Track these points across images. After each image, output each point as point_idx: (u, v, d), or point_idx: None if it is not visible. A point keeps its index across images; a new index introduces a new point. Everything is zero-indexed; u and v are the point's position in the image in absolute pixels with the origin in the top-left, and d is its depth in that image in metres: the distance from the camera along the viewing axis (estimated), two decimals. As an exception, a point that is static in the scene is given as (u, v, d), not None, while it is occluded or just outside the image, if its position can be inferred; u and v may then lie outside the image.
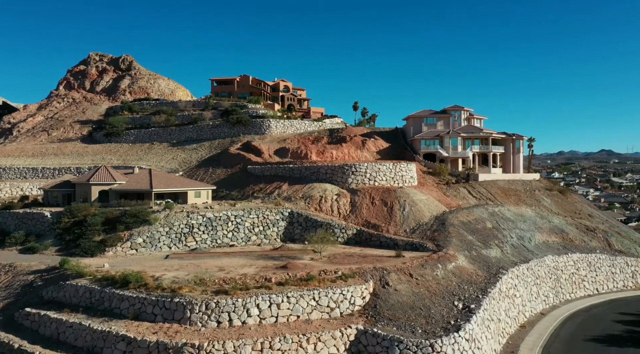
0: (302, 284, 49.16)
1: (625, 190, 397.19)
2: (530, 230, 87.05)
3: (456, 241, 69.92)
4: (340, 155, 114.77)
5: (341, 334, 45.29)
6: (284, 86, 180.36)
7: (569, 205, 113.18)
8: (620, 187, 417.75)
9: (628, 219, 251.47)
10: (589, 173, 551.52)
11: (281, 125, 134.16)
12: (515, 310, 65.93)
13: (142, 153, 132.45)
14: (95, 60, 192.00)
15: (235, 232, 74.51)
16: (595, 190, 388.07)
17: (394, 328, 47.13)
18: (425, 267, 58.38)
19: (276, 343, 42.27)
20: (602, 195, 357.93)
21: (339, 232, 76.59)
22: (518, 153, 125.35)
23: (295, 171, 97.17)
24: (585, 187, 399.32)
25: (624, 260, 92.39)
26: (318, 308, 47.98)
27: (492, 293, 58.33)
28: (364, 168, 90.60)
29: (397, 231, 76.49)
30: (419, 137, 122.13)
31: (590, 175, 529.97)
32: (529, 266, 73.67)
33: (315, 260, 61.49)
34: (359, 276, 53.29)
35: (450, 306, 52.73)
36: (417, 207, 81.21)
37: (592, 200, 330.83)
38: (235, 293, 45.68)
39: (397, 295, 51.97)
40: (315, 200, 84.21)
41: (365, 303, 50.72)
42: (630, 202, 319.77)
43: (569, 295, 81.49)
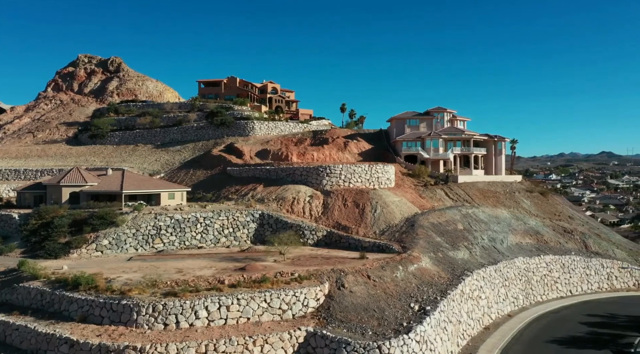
0: (254, 286, 49.21)
1: (621, 191, 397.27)
2: (503, 232, 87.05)
3: (423, 243, 69.95)
4: (321, 157, 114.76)
5: (289, 336, 45.30)
6: (272, 88, 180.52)
7: (550, 207, 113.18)
8: (616, 189, 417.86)
9: (621, 221, 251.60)
10: (586, 175, 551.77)
11: (265, 127, 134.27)
12: (479, 312, 65.92)
13: (125, 154, 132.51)
14: (84, 61, 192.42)
15: (204, 234, 74.55)
16: (592, 191, 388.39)
17: (344, 329, 47.13)
18: (385, 269, 58.38)
19: (221, 345, 42.29)
20: (598, 196, 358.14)
21: (309, 234, 76.62)
22: (500, 155, 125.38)
23: (272, 172, 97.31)
24: (582, 189, 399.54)
25: (599, 262, 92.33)
26: (269, 310, 48.00)
27: (451, 295, 58.31)
28: (338, 170, 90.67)
29: (367, 233, 76.53)
30: (401, 138, 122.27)
31: (587, 177, 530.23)
32: (497, 267, 73.66)
33: (278, 262, 61.52)
34: (315, 278, 53.32)
35: (405, 307, 52.74)
36: (388, 209, 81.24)
37: (588, 202, 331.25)
38: (184, 295, 45.73)
39: (352, 296, 51.98)
40: (288, 201, 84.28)
41: (319, 305, 50.73)
42: (625, 204, 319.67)
43: (541, 296, 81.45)
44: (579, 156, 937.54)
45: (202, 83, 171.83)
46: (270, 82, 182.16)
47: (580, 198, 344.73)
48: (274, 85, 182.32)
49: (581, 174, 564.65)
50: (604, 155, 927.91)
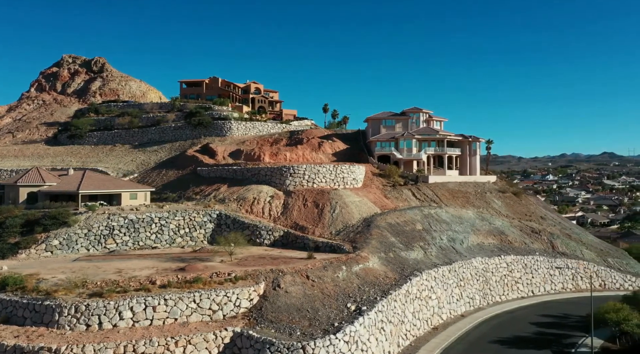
0: (185, 286, 49.23)
1: (616, 192, 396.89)
2: (465, 232, 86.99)
3: (375, 243, 69.92)
4: (294, 157, 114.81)
5: (215, 336, 45.30)
6: (255, 88, 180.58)
7: (522, 207, 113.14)
8: (612, 190, 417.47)
9: (611, 221, 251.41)
10: (583, 175, 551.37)
11: (243, 127, 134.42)
12: (428, 312, 65.88)
13: (102, 155, 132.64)
14: (68, 62, 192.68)
15: (159, 234, 74.61)
16: (587, 192, 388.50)
17: (272, 330, 47.13)
18: (327, 269, 58.38)
19: (140, 346, 42.30)
20: (593, 197, 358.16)
21: (266, 234, 76.63)
22: (475, 155, 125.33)
23: (238, 172, 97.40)
24: (577, 190, 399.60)
25: (564, 262, 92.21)
26: (198, 310, 48.01)
27: (394, 295, 58.27)
28: (302, 170, 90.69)
29: (323, 233, 76.54)
30: (374, 138, 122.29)
31: (584, 177, 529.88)
32: (451, 268, 73.60)
33: (224, 262, 61.54)
34: (251, 278, 53.34)
35: (341, 308, 52.71)
36: (347, 209, 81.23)
37: (582, 203, 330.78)
38: (110, 296, 45.75)
39: (287, 296, 51.98)
40: (248, 201, 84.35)
41: (253, 305, 50.74)
42: (618, 205, 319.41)
43: (500, 297, 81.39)
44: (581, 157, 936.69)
45: (184, 84, 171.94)
46: (253, 83, 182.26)
47: (574, 199, 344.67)
48: (257, 86, 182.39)
49: (578, 175, 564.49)
50: (606, 156, 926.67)
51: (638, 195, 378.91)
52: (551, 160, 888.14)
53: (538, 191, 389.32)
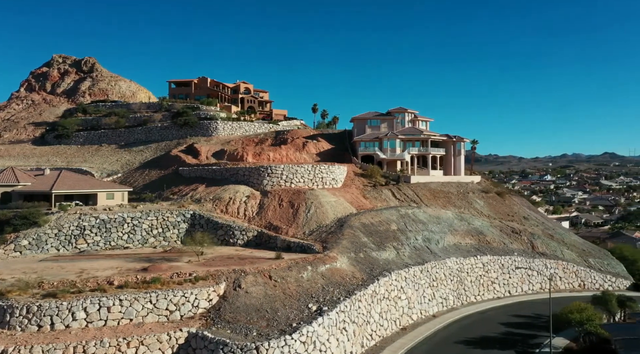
0: (142, 287, 49.12)
1: (613, 192, 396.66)
2: (442, 232, 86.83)
3: (346, 243, 69.79)
4: (278, 157, 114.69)
5: (169, 337, 45.21)
6: (244, 88, 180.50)
7: (504, 208, 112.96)
8: (609, 190, 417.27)
9: (605, 222, 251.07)
10: (580, 176, 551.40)
11: (229, 127, 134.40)
12: (397, 312, 65.73)
13: (88, 155, 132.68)
14: (59, 62, 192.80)
15: (132, 234, 74.53)
16: (584, 192, 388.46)
17: (228, 330, 47.04)
18: (291, 269, 58.26)
19: (91, 347, 42.20)
20: (590, 197, 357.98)
21: (239, 234, 76.52)
22: (459, 155, 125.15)
23: (217, 172, 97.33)
24: (574, 190, 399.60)
25: (542, 262, 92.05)
26: (155, 311, 47.89)
27: (358, 295, 58.13)
28: (280, 170, 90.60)
29: (296, 233, 76.42)
30: (358, 139, 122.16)
31: (582, 178, 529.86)
32: (423, 268, 73.44)
33: (190, 263, 61.44)
34: (212, 279, 53.24)
35: (302, 308, 52.59)
36: (322, 209, 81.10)
37: (578, 203, 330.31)
38: (64, 297, 45.66)
39: (247, 297, 51.88)
40: (224, 201, 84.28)
41: (211, 305, 50.60)
42: (614, 205, 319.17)
43: (475, 297, 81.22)
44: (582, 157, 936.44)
45: (173, 84, 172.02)
46: (243, 83, 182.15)
47: (571, 199, 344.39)
48: (247, 86, 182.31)
49: (576, 175, 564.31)
50: (607, 156, 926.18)
51: (635, 195, 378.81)
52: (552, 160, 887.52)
53: (535, 192, 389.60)
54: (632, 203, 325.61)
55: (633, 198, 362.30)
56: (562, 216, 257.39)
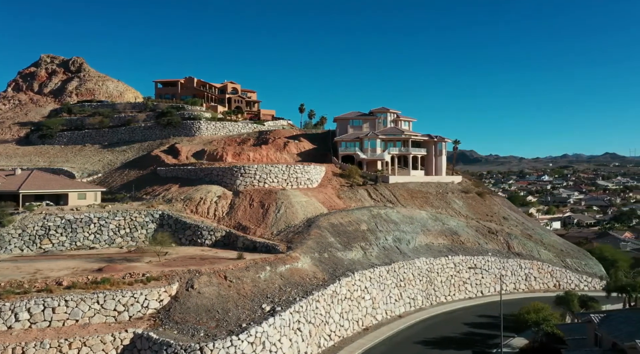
0: (91, 287, 48.90)
1: (609, 193, 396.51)
2: (414, 232, 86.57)
3: (311, 243, 69.56)
4: (258, 157, 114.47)
5: (113, 338, 44.97)
6: (232, 88, 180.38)
7: (484, 208, 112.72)
8: (605, 190, 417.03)
9: (598, 222, 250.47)
10: (578, 176, 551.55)
11: (212, 127, 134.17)
12: (360, 313, 65.51)
13: (71, 155, 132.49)
14: (47, 62, 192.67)
15: (98, 234, 74.35)
16: (580, 193, 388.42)
17: (175, 331, 46.81)
18: (249, 269, 58.04)
19: (30, 348, 41.96)
20: (586, 198, 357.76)
21: (207, 234, 76.31)
22: (440, 155, 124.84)
23: (192, 172, 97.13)
24: (570, 190, 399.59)
25: (517, 263, 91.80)
26: (102, 311, 47.66)
27: (316, 295, 57.91)
28: (253, 170, 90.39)
29: (264, 233, 76.20)
30: (339, 139, 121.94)
31: (579, 178, 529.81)
32: (390, 268, 73.19)
33: (150, 263, 61.23)
34: (165, 279, 53.03)
35: (255, 308, 52.36)
36: (292, 209, 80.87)
37: (573, 203, 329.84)
38: (8, 297, 45.43)
39: (199, 297, 51.66)
40: (195, 201, 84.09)
41: (162, 306, 50.36)
42: (608, 205, 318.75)
43: (445, 297, 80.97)
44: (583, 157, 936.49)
45: (160, 84, 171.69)
46: (230, 82, 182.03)
47: (566, 199, 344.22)
48: (234, 86, 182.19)
49: (574, 175, 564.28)
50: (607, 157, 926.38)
51: (631, 195, 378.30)
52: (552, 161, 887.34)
53: (531, 192, 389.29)
54: (628, 203, 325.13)
55: (629, 198, 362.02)
56: (554, 217, 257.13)
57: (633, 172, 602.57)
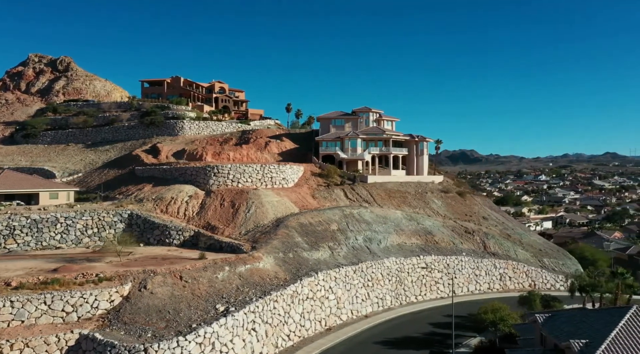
0: (40, 287, 48.64)
1: (605, 192, 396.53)
2: (386, 232, 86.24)
3: (276, 243, 69.28)
4: (238, 157, 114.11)
5: (57, 339, 44.71)
6: (219, 88, 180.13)
7: (464, 208, 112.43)
8: (601, 190, 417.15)
9: (590, 221, 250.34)
10: (575, 176, 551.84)
11: (196, 127, 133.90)
12: (323, 313, 65.25)
13: (54, 154, 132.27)
14: (34, 61, 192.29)
15: (65, 234, 74.10)
16: (576, 192, 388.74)
17: (122, 332, 46.54)
18: (207, 269, 57.77)
19: (-31, 348, 41.79)
20: (581, 197, 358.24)
21: (175, 234, 76.02)
22: (422, 155, 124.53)
23: (167, 172, 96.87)
24: (566, 190, 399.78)
25: (491, 262, 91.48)
26: (49, 312, 47.39)
27: (274, 295, 57.64)
28: (226, 170, 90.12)
29: (232, 233, 75.93)
30: (320, 138, 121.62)
31: (576, 178, 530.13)
32: (357, 268, 72.88)
33: (110, 263, 60.94)
34: (118, 279, 52.75)
35: (208, 309, 52.09)
36: (263, 209, 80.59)
37: (568, 203, 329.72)
38: (-48, 297, 45.22)
39: (151, 298, 51.39)
40: (166, 201, 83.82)
41: (113, 307, 50.09)
42: (603, 205, 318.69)
43: (416, 297, 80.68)
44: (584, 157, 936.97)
45: (146, 83, 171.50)
46: (218, 82, 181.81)
47: (561, 199, 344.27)
48: (222, 85, 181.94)
49: (571, 175, 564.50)
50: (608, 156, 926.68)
51: (627, 195, 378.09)
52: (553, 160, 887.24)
53: (528, 192, 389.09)
54: (623, 203, 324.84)
55: (625, 198, 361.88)
56: (546, 216, 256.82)
57: (631, 171, 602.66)
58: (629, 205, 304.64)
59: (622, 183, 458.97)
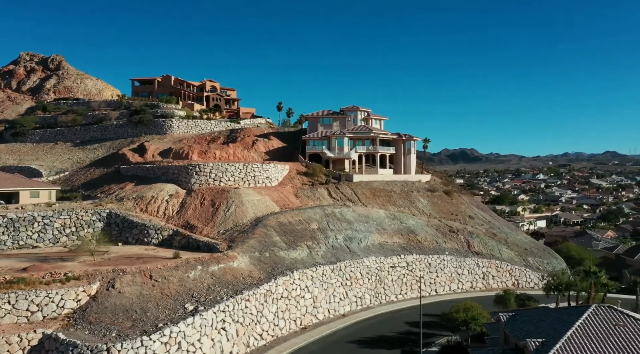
0: (4, 287, 48.42)
1: (602, 191, 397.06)
2: (367, 231, 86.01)
3: (253, 242, 69.09)
4: (225, 156, 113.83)
5: (20, 339, 44.51)
6: (210, 86, 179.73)
7: (450, 206, 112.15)
8: (598, 189, 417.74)
9: (585, 220, 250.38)
10: (572, 175, 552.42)
11: (184, 126, 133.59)
12: (298, 312, 65.04)
13: (42, 153, 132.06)
14: (26, 59, 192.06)
15: (42, 233, 73.89)
16: (573, 191, 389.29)
17: (86, 332, 46.34)
18: (178, 269, 57.57)
19: None
20: (577, 196, 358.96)
21: (154, 233, 75.79)
22: (409, 154, 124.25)
23: (150, 171, 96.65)
24: (563, 189, 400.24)
25: (474, 261, 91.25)
26: (13, 312, 47.21)
27: (246, 294, 57.42)
28: (208, 169, 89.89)
29: (211, 232, 75.70)
30: (307, 137, 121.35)
31: (573, 177, 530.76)
32: (335, 267, 72.63)
33: (84, 262, 60.72)
34: (87, 279, 52.55)
35: (177, 308, 51.89)
36: (242, 208, 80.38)
37: (564, 202, 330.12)
38: None
39: (119, 297, 51.17)
40: (146, 200, 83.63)
41: (79, 306, 49.89)
42: (598, 204, 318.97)
43: (396, 296, 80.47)
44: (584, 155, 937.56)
45: (137, 81, 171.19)
46: (209, 81, 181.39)
47: (558, 198, 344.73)
48: (213, 84, 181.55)
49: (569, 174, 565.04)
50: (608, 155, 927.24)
51: (623, 194, 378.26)
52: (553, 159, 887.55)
53: (525, 191, 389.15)
54: (620, 201, 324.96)
55: (621, 196, 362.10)
56: (541, 215, 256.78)
57: (629, 170, 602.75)
58: (625, 204, 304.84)
59: (620, 182, 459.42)
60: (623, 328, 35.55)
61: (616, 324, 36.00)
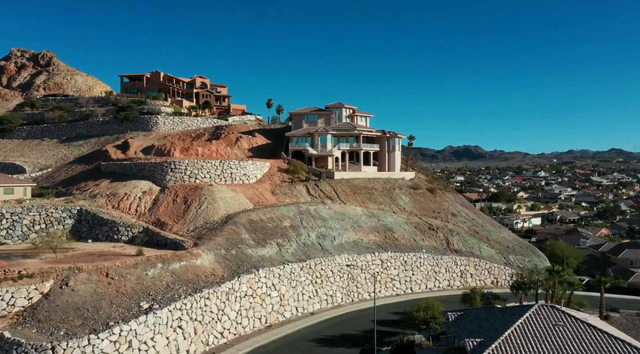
0: (-46, 284, 48.00)
1: (602, 189, 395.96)
2: (343, 229, 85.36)
3: (220, 240, 68.52)
4: (207, 152, 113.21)
5: (-36, 336, 44.06)
6: (200, 83, 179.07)
7: (433, 204, 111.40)
8: (598, 187, 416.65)
9: (581, 218, 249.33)
10: (574, 172, 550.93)
11: (170, 122, 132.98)
12: (264, 310, 64.49)
13: (28, 149, 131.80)
14: (17, 55, 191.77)
15: (11, 230, 73.53)
16: (573, 189, 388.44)
17: (33, 330, 45.87)
18: (137, 266, 57.04)
19: None
20: (577, 194, 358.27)
21: (124, 230, 75.33)
22: (393, 151, 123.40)
23: (127, 168, 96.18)
24: (564, 186, 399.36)
25: (452, 259, 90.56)
26: (-39, 309, 46.79)
27: (206, 292, 56.87)
28: (184, 166, 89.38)
29: (181, 229, 75.18)
30: (291, 134, 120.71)
31: (574, 174, 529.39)
32: (305, 265, 72.01)
33: (45, 260, 60.25)
34: (40, 277, 52.05)
35: (131, 306, 51.35)
36: (214, 205, 79.83)
37: (564, 199, 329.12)
38: None
39: (72, 295, 50.68)
40: (119, 197, 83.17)
41: (31, 304, 49.41)
42: (597, 202, 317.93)
43: (369, 294, 79.74)
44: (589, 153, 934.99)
45: (126, 78, 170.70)
46: (199, 77, 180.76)
47: (557, 196, 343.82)
48: (203, 80, 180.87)
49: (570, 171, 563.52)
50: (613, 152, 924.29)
51: (623, 191, 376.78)
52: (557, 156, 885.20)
53: (525, 188, 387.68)
54: (619, 199, 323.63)
55: (621, 194, 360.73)
56: (537, 213, 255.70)
57: (632, 168, 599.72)
58: (624, 201, 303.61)
59: (621, 180, 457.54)
60: (562, 327, 34.85)
61: (556, 324, 35.32)
